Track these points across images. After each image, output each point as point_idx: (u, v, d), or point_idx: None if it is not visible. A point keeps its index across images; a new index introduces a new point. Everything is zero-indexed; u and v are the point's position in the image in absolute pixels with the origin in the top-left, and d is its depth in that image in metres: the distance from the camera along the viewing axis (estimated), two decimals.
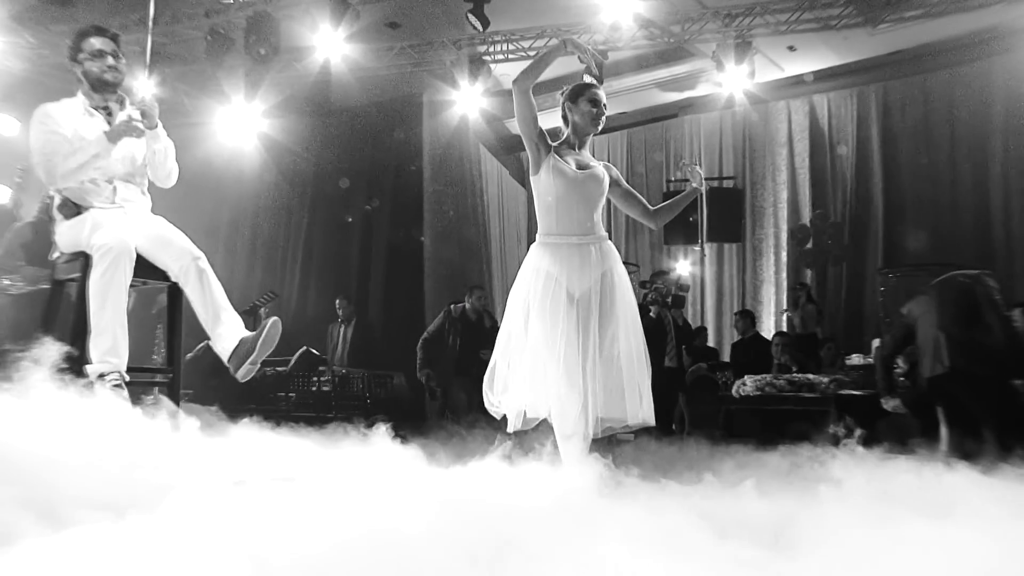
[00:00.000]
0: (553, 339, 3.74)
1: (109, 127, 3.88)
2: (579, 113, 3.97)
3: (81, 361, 3.60)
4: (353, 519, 2.12)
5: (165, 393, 3.98)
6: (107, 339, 3.61)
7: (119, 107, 4.00)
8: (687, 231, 11.08)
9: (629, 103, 11.55)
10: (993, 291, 5.28)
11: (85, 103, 3.92)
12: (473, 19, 8.65)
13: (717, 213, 10.87)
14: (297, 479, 2.73)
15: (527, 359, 3.81)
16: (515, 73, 3.93)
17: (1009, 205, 9.67)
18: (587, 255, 3.86)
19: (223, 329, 3.82)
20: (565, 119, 4.04)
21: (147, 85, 9.29)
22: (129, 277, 3.67)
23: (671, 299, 9.20)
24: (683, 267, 11.86)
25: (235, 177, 11.25)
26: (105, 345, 3.61)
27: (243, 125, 10.62)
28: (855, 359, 8.04)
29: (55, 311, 3.99)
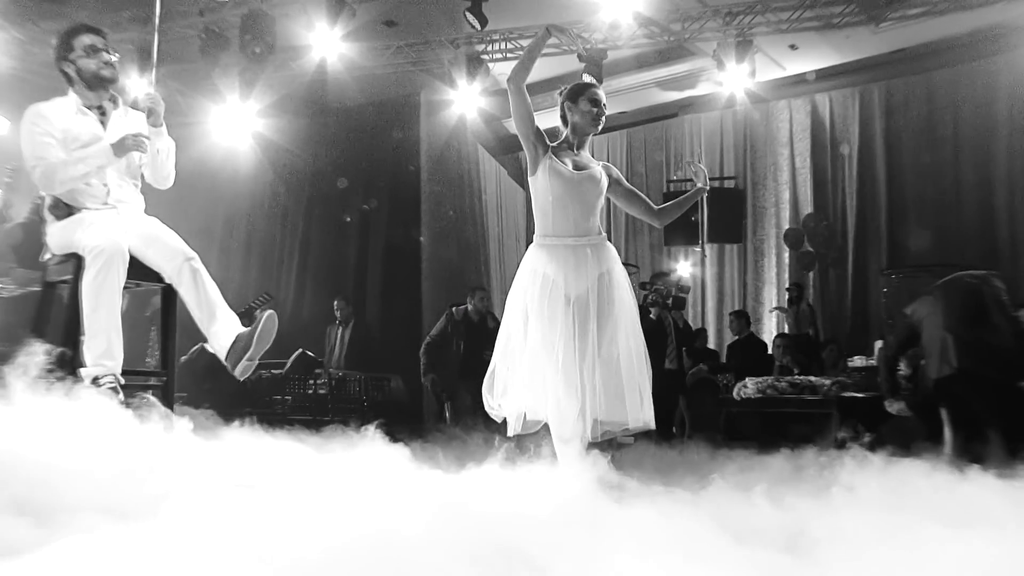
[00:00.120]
0: (551, 341, 3.72)
1: (103, 127, 3.83)
2: (579, 113, 3.94)
3: (74, 364, 3.56)
4: (349, 524, 2.09)
5: (159, 396, 3.91)
6: (101, 342, 3.57)
7: (113, 106, 3.95)
8: (687, 232, 11.05)
9: (629, 102, 11.54)
10: (1000, 292, 5.24)
11: (78, 102, 3.85)
12: (471, 17, 8.66)
13: (718, 213, 10.86)
14: (292, 483, 2.68)
15: (526, 362, 3.79)
16: None
17: (1013, 204, 9.66)
18: (584, 256, 3.84)
19: (218, 327, 3.77)
20: (564, 119, 4.01)
21: (141, 84, 9.28)
22: (123, 279, 3.62)
23: (671, 301, 9.14)
24: (683, 268, 11.86)
25: (230, 177, 11.19)
26: (99, 348, 3.57)
27: (238, 125, 10.58)
28: (857, 361, 8.02)
29: (47, 314, 3.94)
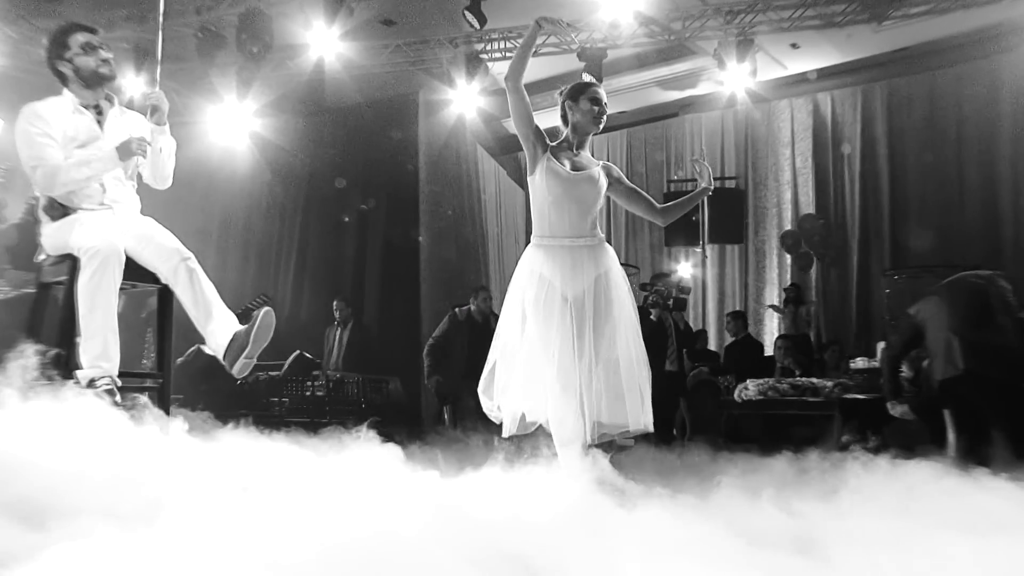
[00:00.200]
0: (548, 342, 3.70)
1: (100, 126, 3.81)
2: (580, 112, 3.92)
3: (70, 366, 3.54)
4: (345, 527, 2.09)
5: (155, 398, 3.91)
6: (97, 343, 3.54)
7: (109, 105, 3.91)
8: (688, 232, 11.06)
9: (629, 102, 11.51)
10: (1006, 292, 5.20)
11: (75, 101, 3.81)
12: (470, 16, 8.65)
13: (719, 214, 10.88)
14: (289, 487, 2.65)
15: (523, 363, 3.77)
16: None
17: (1018, 204, 9.63)
18: (581, 257, 3.82)
19: (215, 326, 3.75)
20: (564, 119, 3.99)
21: (137, 83, 9.23)
22: (119, 280, 3.60)
23: (672, 302, 9.11)
24: (684, 269, 11.86)
25: (227, 177, 11.16)
26: (96, 350, 3.54)
27: (235, 124, 10.56)
28: (859, 363, 7.99)
29: (41, 315, 3.91)
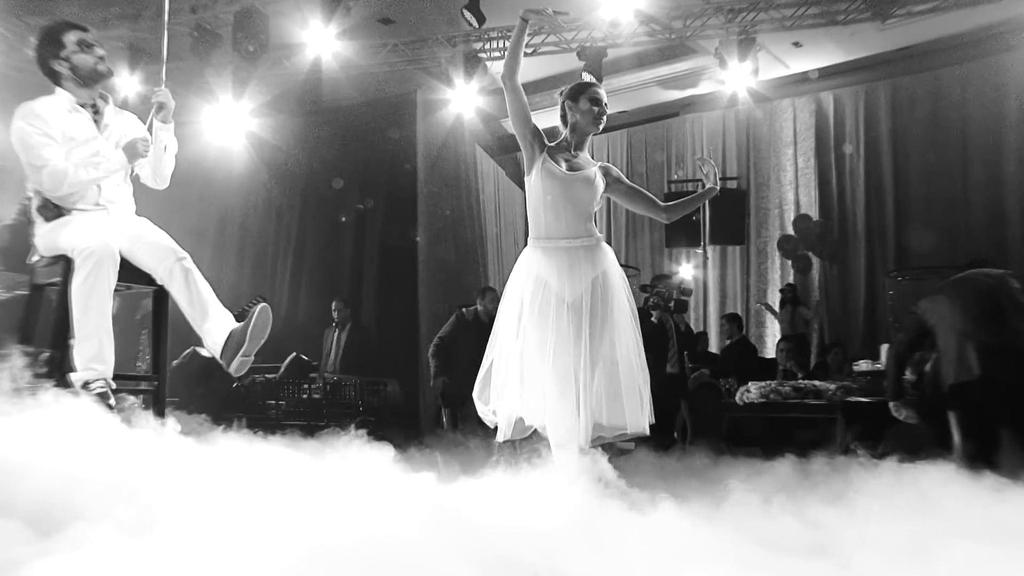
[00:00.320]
0: (544, 345, 3.68)
1: (96, 125, 3.80)
2: (579, 112, 3.90)
3: (64, 369, 3.53)
4: (342, 530, 2.11)
5: (151, 401, 3.91)
6: (92, 345, 3.52)
7: (104, 103, 3.89)
8: (689, 233, 11.03)
9: (629, 101, 11.51)
10: (1018, 292, 5.11)
11: (71, 100, 3.78)
12: (468, 15, 8.67)
13: (720, 215, 10.86)
14: (285, 490, 2.65)
15: (519, 365, 3.76)
16: None
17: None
18: (578, 259, 3.80)
19: (211, 324, 3.72)
20: (564, 119, 3.97)
21: (132, 82, 9.15)
22: (113, 281, 3.58)
23: (673, 303, 9.03)
24: (685, 270, 11.84)
25: (223, 178, 11.11)
26: (90, 352, 3.52)
27: (231, 124, 10.52)
28: (863, 365, 7.94)
29: (35, 317, 3.89)
